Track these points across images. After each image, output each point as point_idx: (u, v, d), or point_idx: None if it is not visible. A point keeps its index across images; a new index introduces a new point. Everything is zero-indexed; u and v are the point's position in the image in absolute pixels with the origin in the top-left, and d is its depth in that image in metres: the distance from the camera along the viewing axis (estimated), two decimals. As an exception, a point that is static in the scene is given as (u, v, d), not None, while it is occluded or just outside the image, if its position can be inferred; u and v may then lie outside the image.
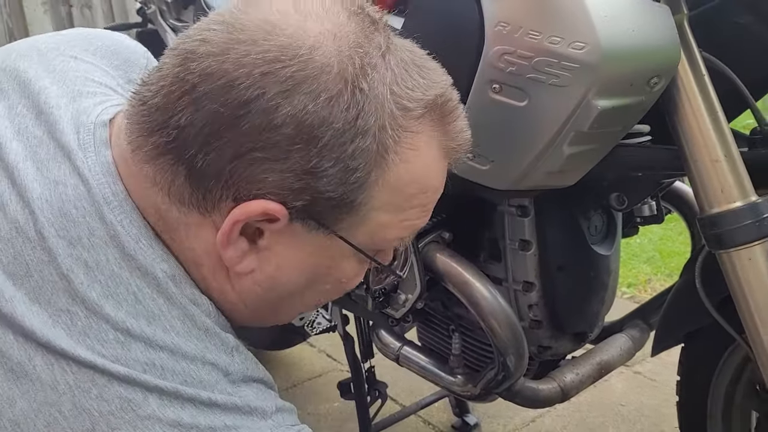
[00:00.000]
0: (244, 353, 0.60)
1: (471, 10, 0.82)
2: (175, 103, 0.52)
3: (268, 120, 0.51)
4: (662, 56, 0.78)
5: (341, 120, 0.51)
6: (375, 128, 0.53)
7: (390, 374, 1.84)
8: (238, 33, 0.52)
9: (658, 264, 2.70)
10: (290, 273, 0.60)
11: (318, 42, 0.52)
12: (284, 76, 0.50)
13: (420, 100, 0.55)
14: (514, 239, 1.11)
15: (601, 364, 1.20)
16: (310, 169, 0.52)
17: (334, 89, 0.51)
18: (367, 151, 0.53)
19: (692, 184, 0.83)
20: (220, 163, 0.52)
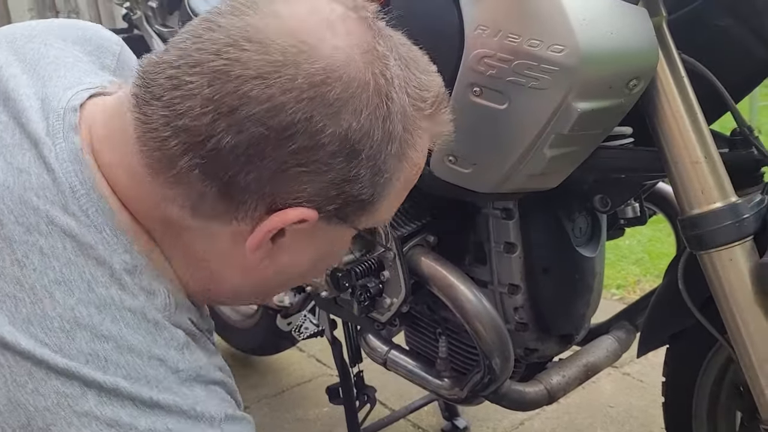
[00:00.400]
0: (199, 352, 0.59)
1: (450, 13, 0.82)
2: (211, 126, 0.51)
3: (314, 141, 0.52)
4: (641, 59, 0.79)
5: (379, 132, 0.54)
6: (401, 133, 0.56)
7: (379, 378, 1.84)
8: (275, 54, 0.51)
9: (648, 265, 2.71)
10: (302, 262, 0.63)
11: (349, 57, 0.53)
12: (331, 98, 0.52)
13: (427, 99, 0.58)
14: (499, 242, 1.11)
15: (587, 365, 1.20)
16: (349, 178, 0.55)
17: (372, 104, 0.53)
18: (395, 155, 0.56)
19: (672, 185, 0.84)
20: (261, 181, 0.53)
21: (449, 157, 0.91)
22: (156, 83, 0.53)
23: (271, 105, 0.50)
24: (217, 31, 0.52)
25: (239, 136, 0.51)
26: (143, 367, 0.54)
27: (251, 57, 0.51)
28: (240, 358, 2.16)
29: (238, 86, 0.50)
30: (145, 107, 0.53)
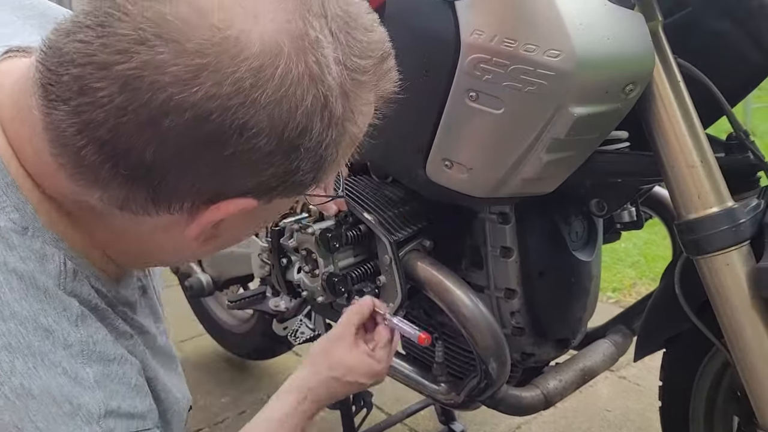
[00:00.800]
0: (97, 325, 0.55)
1: (446, 18, 0.82)
2: (131, 137, 0.47)
3: (249, 145, 0.49)
4: (637, 63, 0.79)
5: (318, 124, 0.51)
6: (341, 114, 0.52)
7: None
8: (193, 55, 0.45)
9: (643, 268, 2.71)
10: (241, 233, 0.61)
11: (279, 50, 0.48)
12: (263, 101, 0.48)
13: (368, 69, 0.54)
14: (496, 246, 1.11)
15: (584, 370, 1.20)
16: (288, 169, 0.52)
17: (308, 98, 0.49)
18: (336, 138, 0.53)
19: (669, 189, 0.84)
20: (194, 184, 0.50)
21: (445, 161, 0.91)
22: (61, 81, 0.47)
23: (196, 114, 0.46)
24: (124, 21, 0.45)
25: (164, 146, 0.47)
26: (27, 336, 0.49)
27: (166, 60, 0.45)
28: (236, 362, 2.15)
29: (155, 94, 0.45)
30: (53, 110, 0.48)
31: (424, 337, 0.91)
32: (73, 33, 0.47)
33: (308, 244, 1.12)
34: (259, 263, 1.38)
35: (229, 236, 0.60)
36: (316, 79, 0.49)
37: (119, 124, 0.46)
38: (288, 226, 1.17)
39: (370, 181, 1.16)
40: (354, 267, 1.11)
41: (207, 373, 2.12)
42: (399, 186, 1.13)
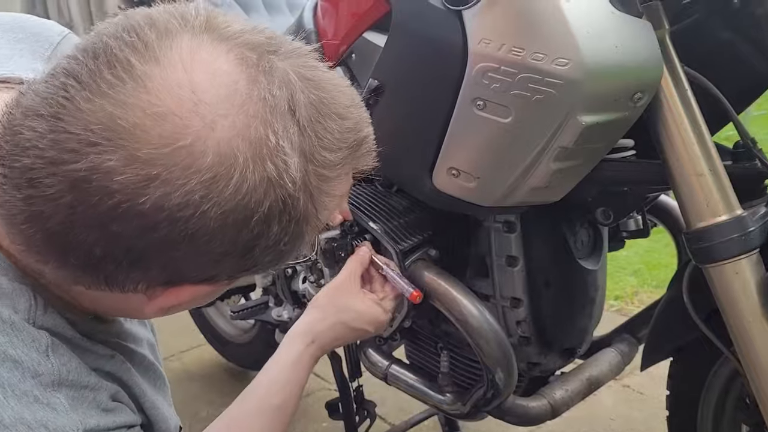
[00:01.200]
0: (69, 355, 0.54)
1: (454, 26, 0.82)
2: (79, 236, 0.46)
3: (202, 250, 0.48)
4: (645, 72, 0.79)
5: (276, 227, 0.49)
6: (302, 213, 0.51)
7: (378, 392, 1.83)
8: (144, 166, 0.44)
9: (645, 276, 2.71)
10: (202, 301, 0.59)
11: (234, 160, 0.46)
12: (215, 213, 0.46)
13: (338, 160, 0.52)
14: (501, 255, 1.10)
15: (590, 379, 1.19)
16: (246, 267, 0.52)
17: (266, 204, 0.48)
18: (296, 233, 0.51)
19: (677, 198, 0.83)
20: (146, 277, 0.50)
21: (452, 170, 0.91)
22: (14, 167, 0.46)
23: (144, 223, 0.45)
24: (76, 118, 0.44)
25: (113, 246, 0.46)
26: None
27: (115, 167, 0.44)
28: (238, 373, 2.14)
29: (103, 199, 0.44)
30: (6, 193, 0.47)
31: (416, 295, 0.94)
32: (29, 117, 0.45)
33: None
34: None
35: (194, 304, 0.59)
36: (275, 184, 0.47)
37: (68, 220, 0.45)
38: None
39: (376, 190, 1.16)
40: (359, 276, 1.10)
41: (209, 384, 2.11)
42: (404, 195, 1.13)
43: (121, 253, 0.47)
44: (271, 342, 1.76)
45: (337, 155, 0.52)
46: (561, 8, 0.74)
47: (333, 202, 0.54)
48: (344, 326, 0.93)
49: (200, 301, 0.59)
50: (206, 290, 0.54)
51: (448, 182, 0.93)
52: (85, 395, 0.55)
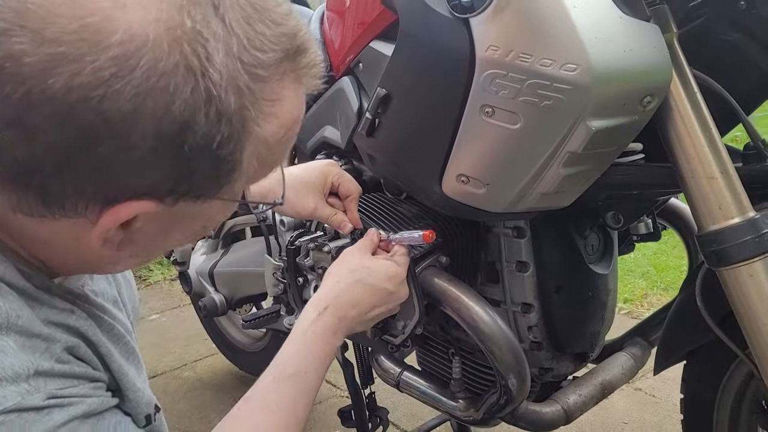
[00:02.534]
0: (19, 303, 0.54)
1: (461, 34, 0.82)
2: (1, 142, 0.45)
3: (124, 142, 0.46)
4: (654, 75, 0.79)
5: (202, 119, 0.48)
6: (235, 111, 0.49)
7: (390, 399, 1.83)
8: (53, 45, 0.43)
9: (654, 278, 2.70)
10: (162, 238, 0.58)
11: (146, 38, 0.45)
12: (129, 94, 0.45)
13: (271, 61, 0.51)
14: (511, 261, 1.10)
15: (603, 383, 1.19)
16: (181, 172, 0.50)
17: (186, 91, 0.47)
18: (231, 135, 0.50)
19: (689, 201, 0.83)
20: (79, 185, 0.48)
21: (461, 177, 0.91)
22: None
23: (58, 110, 0.44)
24: None
25: (32, 146, 0.45)
26: None
27: (25, 50, 0.43)
28: (250, 381, 2.14)
29: (15, 88, 0.44)
30: None
31: (429, 234, 0.94)
32: None
33: (324, 262, 1.12)
34: (273, 282, 1.37)
35: (149, 243, 0.58)
36: (195, 71, 0.47)
37: None
38: (304, 244, 1.16)
39: (384, 197, 1.16)
40: (370, 284, 1.10)
41: (221, 392, 2.12)
42: (413, 202, 1.13)
43: (42, 152, 0.46)
44: (282, 350, 1.77)
45: (270, 56, 0.51)
46: (568, 13, 0.74)
47: (279, 117, 0.53)
48: (360, 284, 0.89)
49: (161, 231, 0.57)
50: (153, 209, 0.51)
51: (458, 189, 0.93)
52: (37, 344, 0.54)
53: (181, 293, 2.81)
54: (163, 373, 2.26)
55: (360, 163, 1.21)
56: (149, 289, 3.07)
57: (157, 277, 3.17)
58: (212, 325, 2.16)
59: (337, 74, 1.20)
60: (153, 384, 2.30)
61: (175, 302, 2.87)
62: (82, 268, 0.62)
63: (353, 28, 1.12)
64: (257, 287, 1.62)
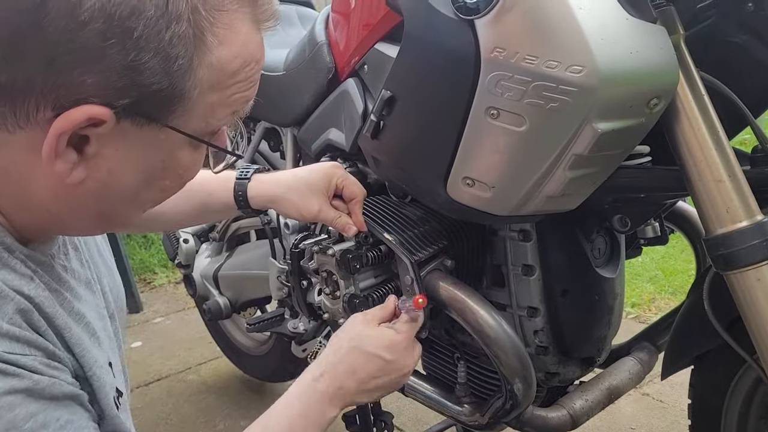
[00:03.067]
0: None
1: (466, 36, 0.81)
2: None
3: (72, 18, 0.47)
4: (661, 77, 0.78)
5: (152, 7, 0.49)
6: (187, 12, 0.51)
7: (395, 403, 1.82)
8: None
9: (662, 283, 2.68)
10: (123, 176, 0.58)
11: None
12: None
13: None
14: (517, 264, 1.09)
15: (610, 388, 1.18)
16: (130, 64, 0.50)
17: None
18: (184, 36, 0.52)
19: (696, 205, 0.82)
20: (29, 75, 0.49)
21: (467, 180, 0.90)
22: None
23: None
24: None
25: None
26: None
27: None
28: (254, 385, 2.14)
29: None
30: None
31: (419, 298, 0.92)
32: None
33: (329, 265, 1.11)
34: (278, 285, 1.37)
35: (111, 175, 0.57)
36: None
37: None
38: (308, 247, 1.16)
39: (390, 200, 1.15)
40: (375, 288, 1.10)
41: (225, 396, 2.11)
42: (418, 205, 1.12)
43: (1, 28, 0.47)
44: (286, 354, 1.76)
45: None
46: (574, 15, 0.74)
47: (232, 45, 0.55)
48: (356, 351, 0.86)
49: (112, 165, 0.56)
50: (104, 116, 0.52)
51: (463, 192, 0.92)
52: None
53: (185, 296, 2.81)
54: (167, 376, 2.26)
55: (365, 166, 1.21)
56: (153, 292, 3.07)
57: (161, 280, 3.17)
58: (217, 329, 2.16)
59: (342, 76, 1.20)
60: (157, 387, 2.31)
61: (180, 305, 2.87)
62: (43, 224, 0.61)
63: (358, 30, 1.11)
64: (262, 290, 1.61)
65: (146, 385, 2.21)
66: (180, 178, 0.63)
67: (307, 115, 1.32)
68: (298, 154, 1.48)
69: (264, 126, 1.57)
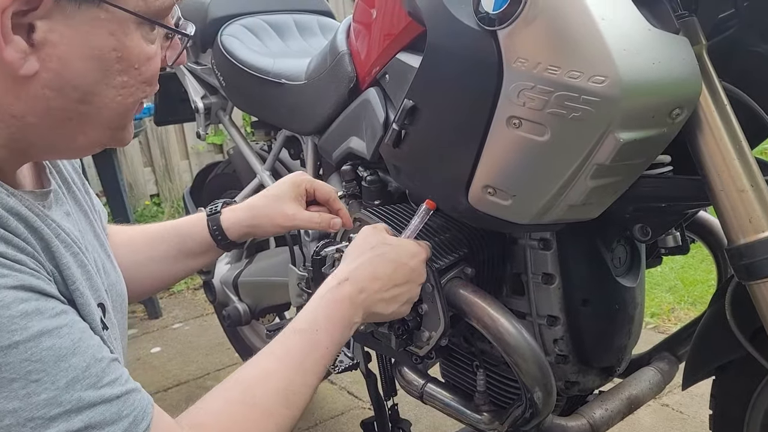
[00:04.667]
0: None
1: (489, 47, 0.82)
2: None
3: None
4: (683, 88, 0.78)
5: None
6: None
7: (413, 411, 1.82)
8: None
9: (681, 293, 2.66)
10: (76, 64, 0.60)
11: None
12: None
13: None
14: (537, 273, 1.10)
15: (630, 398, 1.17)
16: None
17: None
18: None
19: (719, 214, 0.82)
20: None
21: (488, 189, 0.91)
22: None
23: None
24: None
25: None
26: None
27: None
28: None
29: None
30: None
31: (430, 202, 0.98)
32: None
33: (349, 272, 1.12)
34: (297, 292, 1.38)
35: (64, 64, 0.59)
36: None
37: None
38: (330, 254, 1.17)
39: (409, 208, 1.16)
40: (395, 295, 1.10)
41: (243, 402, 2.12)
42: (439, 213, 1.13)
43: None
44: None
45: None
46: (597, 26, 0.74)
47: None
48: (381, 258, 0.89)
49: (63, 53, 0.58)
50: None
51: (484, 200, 0.93)
52: None
53: (203, 302, 2.83)
54: (186, 382, 2.27)
55: (385, 174, 1.22)
56: (172, 298, 3.09)
57: (180, 286, 3.19)
58: (235, 335, 2.17)
59: (363, 85, 1.21)
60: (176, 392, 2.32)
61: (198, 311, 2.89)
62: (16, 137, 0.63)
63: (380, 40, 1.12)
64: (281, 297, 1.63)
65: (165, 390, 2.23)
66: (139, 74, 0.64)
67: (328, 123, 1.33)
68: (319, 162, 1.49)
69: (285, 134, 1.59)
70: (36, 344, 0.56)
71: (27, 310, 0.56)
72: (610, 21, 0.75)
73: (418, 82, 0.96)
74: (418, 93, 0.96)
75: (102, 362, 0.62)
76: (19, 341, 0.55)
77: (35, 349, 0.56)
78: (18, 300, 0.56)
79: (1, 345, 0.54)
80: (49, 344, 0.57)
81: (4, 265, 0.57)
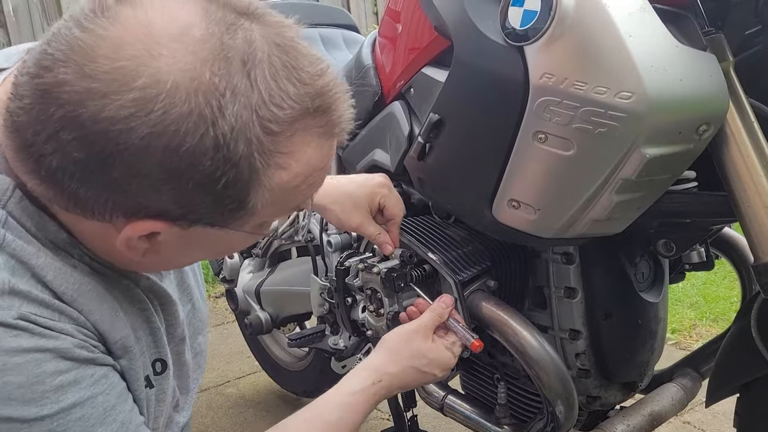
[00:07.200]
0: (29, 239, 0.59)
1: (515, 62, 0.83)
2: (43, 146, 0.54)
3: (134, 170, 0.54)
4: (710, 104, 0.78)
5: (208, 162, 0.54)
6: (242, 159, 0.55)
7: (432, 423, 1.82)
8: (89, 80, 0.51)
9: (703, 309, 2.63)
10: (184, 253, 0.66)
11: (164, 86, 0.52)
12: (143, 132, 0.52)
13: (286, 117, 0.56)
14: (560, 287, 1.10)
15: (652, 414, 1.17)
16: (189, 202, 0.56)
17: (196, 136, 0.53)
18: (237, 180, 0.56)
19: (745, 231, 0.82)
20: (99, 197, 0.56)
21: (513, 202, 0.92)
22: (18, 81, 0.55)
23: (84, 135, 0.52)
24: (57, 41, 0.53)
25: (65, 159, 0.53)
26: None
27: (68, 80, 0.52)
28: (292, 400, 2.16)
29: (57, 109, 0.52)
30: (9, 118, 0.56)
31: (477, 345, 0.97)
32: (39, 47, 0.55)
33: (373, 283, 1.13)
34: (319, 301, 1.39)
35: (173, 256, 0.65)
36: (207, 120, 0.53)
37: (36, 131, 0.53)
38: (353, 265, 1.18)
39: (433, 220, 1.17)
40: (418, 306, 1.11)
41: (263, 411, 2.13)
42: (462, 226, 1.14)
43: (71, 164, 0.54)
44: (325, 370, 1.78)
45: (287, 113, 0.56)
46: (624, 42, 0.75)
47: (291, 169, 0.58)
48: (415, 371, 0.94)
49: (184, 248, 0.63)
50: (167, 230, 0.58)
51: (508, 214, 0.93)
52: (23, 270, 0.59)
53: (224, 310, 2.85)
54: (206, 389, 2.29)
55: (409, 186, 1.23)
56: (194, 306, 3.11)
57: (201, 294, 3.22)
58: (256, 343, 2.18)
59: (388, 99, 1.22)
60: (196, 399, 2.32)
61: (219, 319, 2.91)
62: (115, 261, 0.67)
63: (405, 54, 1.14)
64: (302, 306, 1.64)
65: (185, 397, 2.24)
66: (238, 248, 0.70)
67: (352, 135, 1.35)
68: (344, 170, 1.50)
69: (309, 145, 1.60)
70: (65, 416, 0.58)
71: (63, 383, 0.58)
72: (637, 37, 0.75)
73: (444, 96, 0.97)
74: (443, 107, 0.97)
75: (128, 429, 0.64)
76: (46, 415, 0.57)
77: (62, 421, 0.58)
78: (57, 372, 0.58)
79: (27, 417, 0.56)
80: (79, 415, 0.59)
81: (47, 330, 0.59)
